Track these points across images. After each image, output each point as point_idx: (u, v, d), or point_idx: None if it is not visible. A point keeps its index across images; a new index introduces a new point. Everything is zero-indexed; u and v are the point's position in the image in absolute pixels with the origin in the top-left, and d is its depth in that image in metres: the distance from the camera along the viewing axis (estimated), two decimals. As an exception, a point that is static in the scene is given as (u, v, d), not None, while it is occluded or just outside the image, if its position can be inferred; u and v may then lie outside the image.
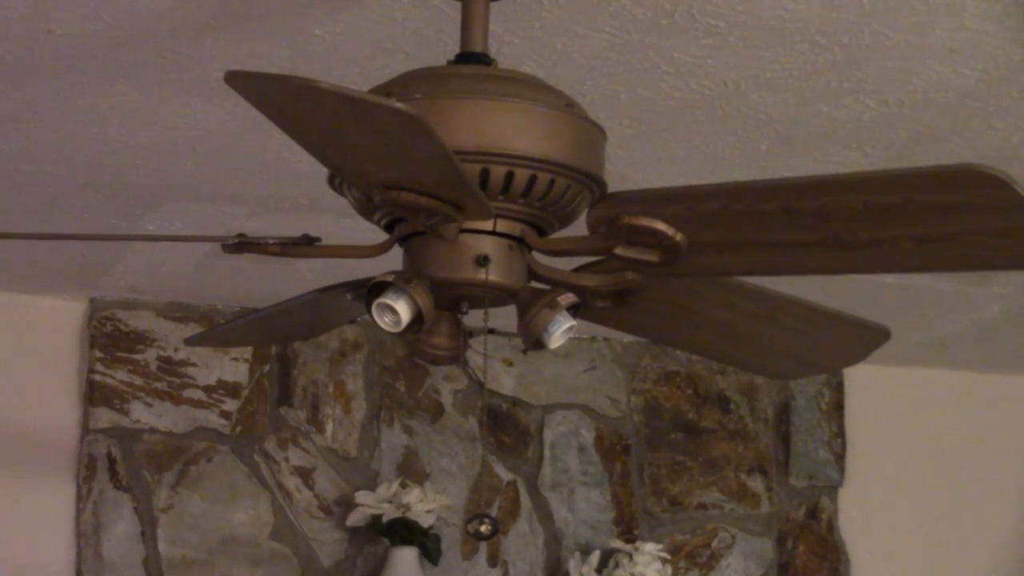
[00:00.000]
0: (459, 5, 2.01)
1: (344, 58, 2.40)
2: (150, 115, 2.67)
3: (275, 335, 2.51)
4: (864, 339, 2.17)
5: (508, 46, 2.35)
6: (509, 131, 1.80)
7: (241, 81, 1.53)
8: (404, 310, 1.82)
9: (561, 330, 1.87)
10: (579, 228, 1.88)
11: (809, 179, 1.64)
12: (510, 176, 1.80)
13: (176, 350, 3.79)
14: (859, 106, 2.64)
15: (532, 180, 1.81)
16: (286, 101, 1.57)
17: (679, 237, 1.75)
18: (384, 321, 1.83)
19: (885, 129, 2.72)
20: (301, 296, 2.11)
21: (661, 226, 1.74)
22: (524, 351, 1.96)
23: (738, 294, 2.05)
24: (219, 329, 2.62)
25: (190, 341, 2.72)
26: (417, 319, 1.83)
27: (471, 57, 1.94)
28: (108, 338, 3.74)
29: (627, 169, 2.85)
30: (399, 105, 1.52)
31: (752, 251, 1.77)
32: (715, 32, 2.36)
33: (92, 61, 2.44)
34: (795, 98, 2.61)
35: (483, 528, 1.91)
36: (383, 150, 1.65)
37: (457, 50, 1.96)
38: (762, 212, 1.67)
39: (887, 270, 1.82)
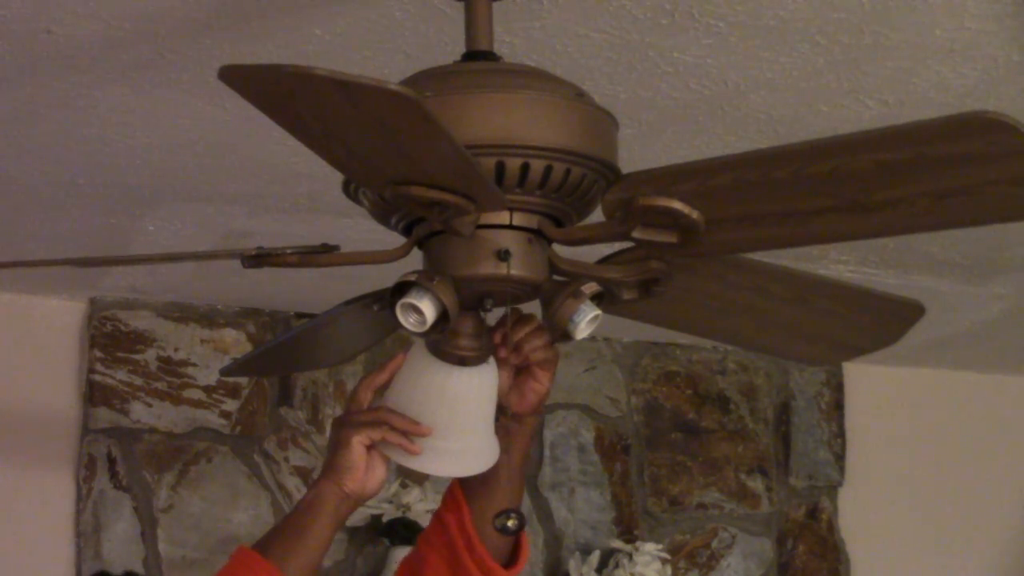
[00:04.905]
0: (460, 5, 2.01)
1: (344, 58, 2.40)
2: (150, 115, 2.67)
3: (307, 359, 2.49)
4: (899, 316, 2.14)
5: (508, 46, 2.35)
6: (522, 122, 1.79)
7: (235, 75, 1.52)
8: (429, 309, 1.81)
9: (587, 319, 1.86)
10: (597, 219, 1.87)
11: (818, 141, 1.62)
12: (525, 167, 1.79)
13: (176, 350, 3.79)
14: (859, 106, 2.64)
15: (548, 170, 1.80)
16: (282, 93, 1.57)
17: (695, 215, 1.73)
18: (409, 321, 1.83)
19: (885, 129, 2.72)
20: (327, 313, 2.10)
21: (677, 205, 1.73)
22: (551, 344, 1.96)
23: (766, 277, 2.03)
24: (251, 356, 2.60)
25: (224, 371, 2.72)
26: (442, 318, 1.82)
27: (478, 55, 1.94)
28: (108, 338, 3.74)
29: (627, 169, 2.85)
30: (392, 85, 1.51)
31: (770, 223, 1.76)
32: (715, 32, 2.36)
33: (92, 61, 2.44)
34: (795, 98, 2.61)
35: (510, 523, 1.91)
36: (385, 141, 1.64)
37: (458, 51, 1.96)
38: (775, 181, 1.65)
39: (906, 230, 1.80)
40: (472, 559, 2.03)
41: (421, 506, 3.74)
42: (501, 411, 2.00)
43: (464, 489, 2.06)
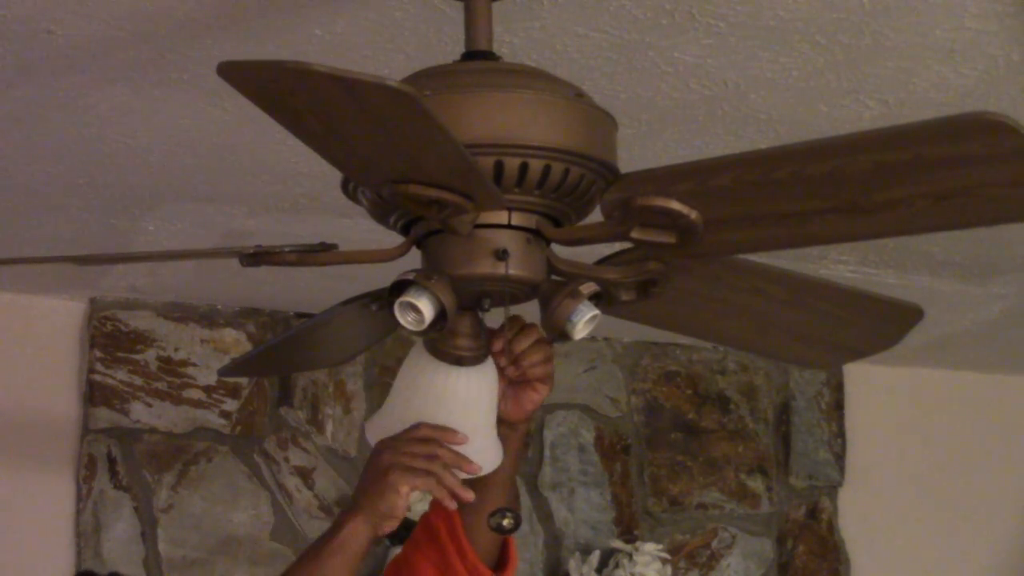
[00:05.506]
0: (460, 5, 2.01)
1: (344, 58, 2.40)
2: (150, 115, 2.67)
3: (306, 359, 2.48)
4: (897, 319, 2.13)
5: (508, 46, 2.35)
6: (521, 122, 1.79)
7: (234, 71, 1.52)
8: (427, 307, 1.81)
9: (585, 319, 1.85)
10: (596, 219, 1.87)
11: (817, 142, 1.62)
12: (524, 167, 1.79)
13: (176, 350, 3.79)
14: (859, 106, 2.64)
15: (546, 170, 1.80)
16: (281, 89, 1.56)
17: (694, 215, 1.72)
18: (407, 320, 1.82)
19: (885, 129, 2.71)
20: (325, 312, 2.09)
21: (675, 205, 1.72)
22: (549, 344, 1.95)
23: (765, 279, 2.02)
24: (249, 356, 2.60)
25: (222, 372, 2.71)
26: (440, 317, 1.82)
27: (477, 55, 1.93)
28: (108, 338, 3.74)
29: (627, 170, 2.85)
30: (390, 82, 1.51)
31: (769, 224, 1.75)
32: (715, 32, 2.36)
33: (92, 61, 2.44)
34: (795, 98, 2.61)
35: (505, 522, 1.90)
36: (383, 138, 1.64)
37: (457, 51, 1.96)
38: (774, 181, 1.65)
39: (905, 232, 1.79)
40: (464, 565, 2.02)
41: (421, 506, 3.72)
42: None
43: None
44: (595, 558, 3.95)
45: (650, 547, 3.97)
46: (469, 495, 1.91)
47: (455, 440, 1.91)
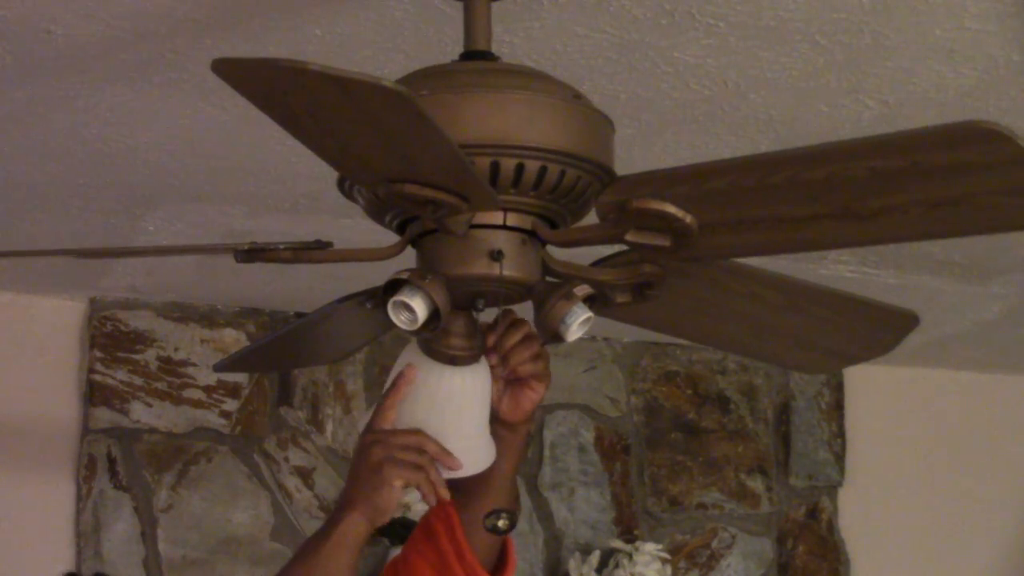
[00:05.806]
0: (460, 5, 2.01)
1: (344, 58, 2.40)
2: (150, 115, 2.67)
3: (302, 356, 2.48)
4: (893, 326, 2.13)
5: (508, 46, 2.35)
6: (517, 122, 1.78)
7: (229, 68, 1.52)
8: (420, 307, 1.81)
9: (578, 321, 1.85)
10: (591, 221, 1.87)
11: (814, 148, 1.62)
12: (520, 168, 1.79)
13: (176, 350, 3.79)
14: (859, 106, 2.64)
15: (543, 171, 1.80)
16: (277, 88, 1.56)
17: (689, 219, 1.72)
18: (400, 319, 1.82)
19: (885, 129, 2.71)
20: (320, 309, 2.09)
21: (670, 208, 1.72)
22: (542, 345, 1.95)
23: (761, 283, 2.02)
24: (245, 352, 2.60)
25: (218, 367, 2.71)
26: (434, 316, 1.82)
27: (476, 55, 1.93)
28: (108, 338, 3.75)
29: (626, 169, 2.85)
30: (385, 82, 1.51)
31: (764, 228, 1.75)
32: (715, 32, 2.36)
33: (92, 61, 2.44)
34: (795, 98, 2.61)
35: (500, 523, 1.89)
36: (379, 138, 1.63)
37: (457, 50, 1.96)
38: (770, 186, 1.65)
39: (899, 239, 1.79)
40: (462, 566, 2.02)
41: (421, 506, 3.73)
42: (493, 418, 1.99)
43: (453, 496, 2.03)
44: (595, 558, 3.95)
45: (650, 547, 3.98)
46: (447, 494, 1.91)
47: (453, 464, 1.91)
